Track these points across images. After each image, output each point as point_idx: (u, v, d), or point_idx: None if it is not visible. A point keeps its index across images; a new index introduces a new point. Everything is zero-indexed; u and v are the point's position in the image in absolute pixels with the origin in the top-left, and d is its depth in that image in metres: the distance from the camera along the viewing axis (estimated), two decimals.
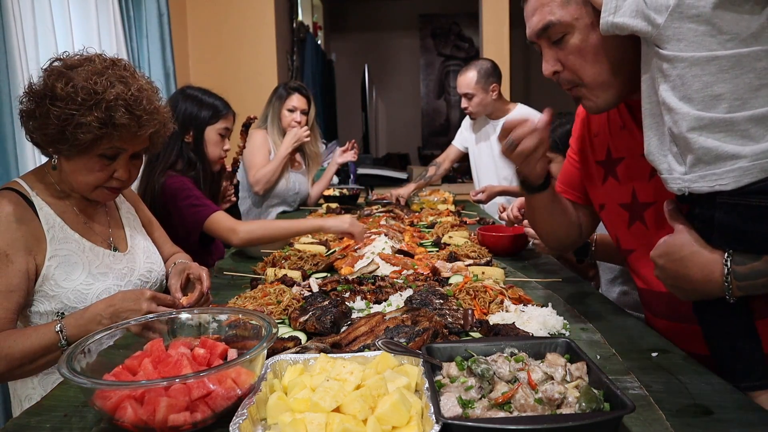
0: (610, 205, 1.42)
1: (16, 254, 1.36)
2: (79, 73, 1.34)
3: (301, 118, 3.35)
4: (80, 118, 1.31)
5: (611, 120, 1.39)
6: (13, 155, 2.04)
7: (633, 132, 1.33)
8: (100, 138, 1.35)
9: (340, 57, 8.81)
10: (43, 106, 1.33)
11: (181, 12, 4.40)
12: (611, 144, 1.39)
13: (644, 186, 1.32)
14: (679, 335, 1.30)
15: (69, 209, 1.51)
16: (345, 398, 0.84)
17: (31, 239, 1.40)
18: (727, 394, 0.98)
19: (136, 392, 0.87)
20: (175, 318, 1.14)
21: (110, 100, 1.33)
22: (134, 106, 1.37)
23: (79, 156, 1.40)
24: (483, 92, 3.32)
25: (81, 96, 1.31)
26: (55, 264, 1.42)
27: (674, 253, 1.05)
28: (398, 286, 1.56)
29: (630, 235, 1.37)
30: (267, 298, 1.49)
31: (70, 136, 1.33)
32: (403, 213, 2.92)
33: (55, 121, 1.32)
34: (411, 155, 8.71)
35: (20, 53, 2.14)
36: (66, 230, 1.47)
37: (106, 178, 1.45)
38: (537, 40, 1.22)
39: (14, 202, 1.41)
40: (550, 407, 0.84)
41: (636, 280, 1.42)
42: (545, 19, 1.17)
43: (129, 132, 1.39)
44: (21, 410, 1.38)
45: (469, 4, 6.24)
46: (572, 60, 1.18)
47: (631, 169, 1.34)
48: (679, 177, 1.00)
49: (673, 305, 1.31)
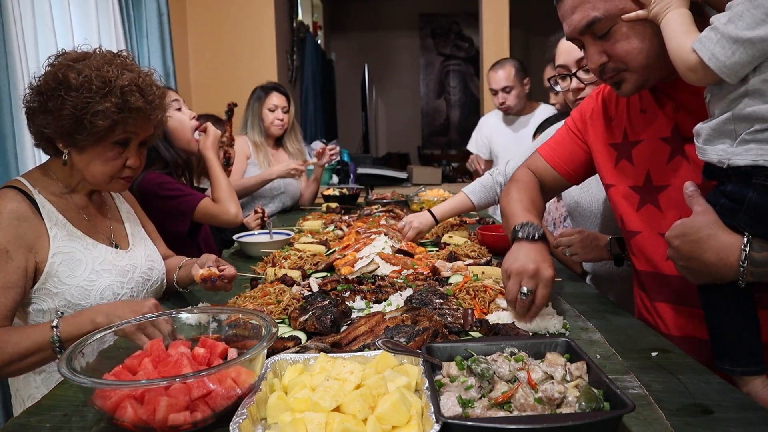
0: (618, 187, 1.43)
1: (16, 251, 1.36)
2: (87, 64, 1.37)
3: (282, 116, 3.35)
4: (97, 105, 1.34)
5: (631, 103, 1.40)
6: (13, 155, 2.04)
7: (654, 115, 1.34)
8: (116, 123, 1.39)
9: (340, 57, 8.81)
10: (57, 98, 1.34)
11: (181, 12, 4.40)
12: (628, 127, 1.41)
13: (661, 169, 1.33)
14: (676, 319, 1.31)
15: (71, 207, 1.51)
16: (345, 398, 0.84)
17: (32, 237, 1.40)
18: (727, 393, 0.98)
19: (136, 392, 0.87)
20: (175, 317, 1.14)
21: (124, 86, 1.37)
22: (146, 91, 1.43)
23: (93, 146, 1.42)
24: (520, 85, 3.49)
25: (96, 84, 1.35)
26: (59, 261, 1.42)
27: (691, 234, 1.06)
28: (398, 286, 1.56)
29: (638, 217, 1.38)
30: (267, 297, 1.49)
31: (88, 124, 1.35)
32: (403, 213, 2.91)
33: (71, 111, 1.34)
34: (411, 155, 8.72)
35: (20, 53, 2.14)
36: (69, 227, 1.47)
37: (121, 167, 1.48)
38: (579, 37, 1.23)
39: (16, 200, 1.41)
40: (550, 407, 0.84)
41: (636, 262, 1.43)
42: (589, 15, 1.18)
43: (142, 116, 1.43)
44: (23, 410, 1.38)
45: (469, 3, 6.24)
46: (620, 48, 1.19)
47: (648, 152, 1.35)
48: (723, 149, 1.00)
49: (674, 289, 1.32)
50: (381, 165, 5.63)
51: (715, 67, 0.96)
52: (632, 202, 1.39)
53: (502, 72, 3.47)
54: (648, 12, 1.12)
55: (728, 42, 0.94)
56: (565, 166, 1.59)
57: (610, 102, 1.47)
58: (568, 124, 1.61)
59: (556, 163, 1.60)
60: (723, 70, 0.96)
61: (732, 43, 0.93)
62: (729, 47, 0.94)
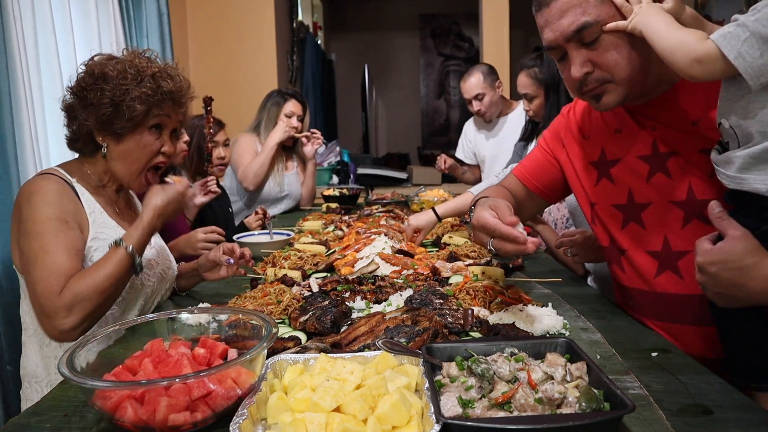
0: (602, 205, 1.42)
1: (72, 222, 1.45)
2: (119, 59, 1.52)
3: (297, 123, 3.38)
4: (134, 91, 1.46)
5: (607, 123, 1.39)
6: (13, 155, 2.04)
7: (630, 134, 1.33)
8: (151, 107, 1.50)
9: (340, 57, 8.80)
10: (97, 91, 1.46)
11: (181, 12, 4.39)
12: (605, 146, 1.39)
13: (641, 187, 1.32)
14: (668, 335, 1.31)
15: (105, 199, 1.59)
16: (345, 398, 0.84)
17: (79, 216, 1.48)
18: (727, 394, 0.98)
19: (136, 392, 0.87)
20: (175, 318, 1.14)
21: (155, 72, 1.50)
22: (175, 78, 1.55)
23: (131, 132, 1.51)
24: (491, 90, 3.41)
25: (130, 73, 1.47)
26: (95, 246, 1.49)
27: (733, 262, 0.99)
28: (398, 286, 1.56)
29: (623, 236, 1.38)
30: (267, 298, 1.49)
31: (126, 109, 1.46)
32: (403, 213, 2.91)
33: (110, 100, 1.46)
34: (411, 155, 8.71)
35: (20, 53, 2.14)
36: (105, 216, 1.55)
37: (156, 152, 1.56)
38: (564, 44, 1.19)
39: (60, 183, 1.49)
40: (550, 407, 0.84)
41: (625, 280, 1.42)
42: (579, 20, 1.15)
43: (174, 99, 1.55)
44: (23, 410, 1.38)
45: (469, 4, 6.24)
46: (608, 57, 1.16)
47: (627, 171, 1.34)
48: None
49: (667, 306, 1.32)
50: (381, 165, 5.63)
51: (741, 67, 0.91)
52: (617, 220, 1.38)
53: (471, 79, 3.41)
54: (627, 23, 1.10)
55: (758, 41, 0.89)
56: (537, 183, 1.57)
57: (584, 119, 1.45)
58: (540, 143, 1.59)
59: (528, 181, 1.58)
60: (748, 71, 0.91)
61: (763, 44, 0.89)
62: (759, 47, 0.89)
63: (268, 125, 3.36)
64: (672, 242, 1.29)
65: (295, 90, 3.57)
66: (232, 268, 1.63)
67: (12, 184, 1.99)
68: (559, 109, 2.55)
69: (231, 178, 3.36)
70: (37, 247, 1.38)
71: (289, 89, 3.53)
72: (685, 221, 1.27)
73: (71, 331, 1.33)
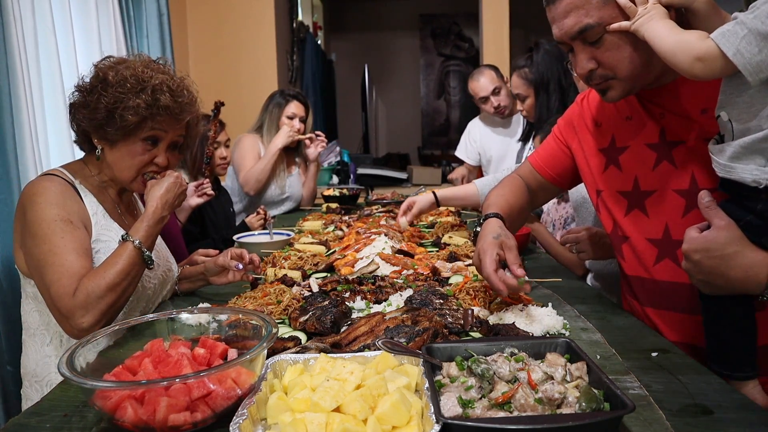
0: (608, 192, 1.43)
1: (78, 222, 1.45)
2: (127, 65, 1.50)
3: (299, 125, 3.37)
4: (129, 101, 1.44)
5: (619, 110, 1.41)
6: (13, 155, 2.04)
7: (640, 122, 1.35)
8: (145, 120, 1.47)
9: (340, 57, 8.80)
10: (95, 94, 1.46)
11: (181, 12, 4.39)
12: (616, 133, 1.41)
13: (647, 174, 1.34)
14: (668, 323, 1.32)
15: (107, 200, 1.59)
16: (345, 398, 0.84)
17: (83, 216, 1.48)
18: (727, 393, 0.98)
19: (136, 392, 0.87)
20: (175, 318, 1.14)
21: (156, 85, 1.47)
22: (176, 92, 1.52)
23: (123, 140, 1.50)
24: (504, 85, 3.39)
25: (130, 83, 1.46)
26: (97, 248, 1.49)
27: (716, 250, 1.03)
28: (398, 286, 1.56)
29: (626, 222, 1.39)
30: (267, 298, 1.49)
31: (119, 118, 1.45)
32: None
33: (105, 105, 1.44)
34: (411, 155, 8.71)
35: (20, 53, 2.14)
36: (107, 217, 1.55)
37: (148, 162, 1.54)
38: (569, 42, 1.23)
39: (62, 184, 1.49)
40: (550, 407, 0.84)
41: (626, 267, 1.44)
42: (582, 21, 1.17)
43: (171, 115, 1.51)
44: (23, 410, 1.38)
45: (469, 4, 6.24)
46: (610, 56, 1.20)
47: (635, 159, 1.36)
48: (757, 168, 0.98)
49: (665, 294, 1.33)
50: (381, 165, 5.63)
51: (740, 64, 0.93)
52: (621, 207, 1.40)
53: (483, 78, 3.39)
54: (631, 24, 1.12)
55: (756, 38, 0.91)
56: (550, 171, 1.62)
57: (597, 107, 1.48)
58: (554, 131, 1.63)
59: (541, 168, 1.63)
60: (747, 67, 0.92)
61: (761, 40, 0.90)
62: (756, 44, 0.91)
63: (270, 127, 3.35)
64: (672, 230, 1.31)
65: (297, 91, 3.55)
66: (240, 273, 1.63)
67: (12, 185, 1.99)
68: (550, 109, 2.53)
69: (233, 178, 3.36)
70: (46, 250, 1.38)
71: (292, 90, 3.51)
72: (686, 210, 1.28)
73: (90, 329, 1.33)
